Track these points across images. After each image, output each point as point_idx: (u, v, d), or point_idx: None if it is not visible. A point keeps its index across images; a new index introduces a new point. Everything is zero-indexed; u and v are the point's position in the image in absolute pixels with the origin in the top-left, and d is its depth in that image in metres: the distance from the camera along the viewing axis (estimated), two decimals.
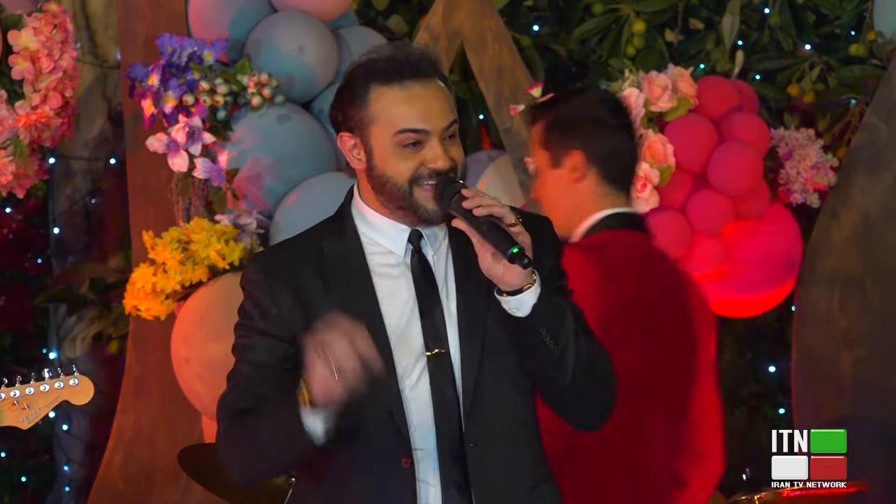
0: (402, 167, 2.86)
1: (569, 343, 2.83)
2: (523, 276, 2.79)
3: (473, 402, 2.85)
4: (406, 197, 2.87)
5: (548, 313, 2.81)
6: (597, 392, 2.91)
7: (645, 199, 5.18)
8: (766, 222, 5.45)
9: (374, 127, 2.87)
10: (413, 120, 2.85)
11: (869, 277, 5.38)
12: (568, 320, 2.84)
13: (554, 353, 2.82)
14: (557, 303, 2.84)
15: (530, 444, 2.95)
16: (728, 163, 5.23)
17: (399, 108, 2.86)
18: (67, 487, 6.02)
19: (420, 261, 2.92)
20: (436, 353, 2.87)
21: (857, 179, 5.42)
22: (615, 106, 3.84)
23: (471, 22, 5.37)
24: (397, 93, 2.86)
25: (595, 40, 5.98)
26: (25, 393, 3.36)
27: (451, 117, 2.89)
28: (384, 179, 2.88)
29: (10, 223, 6.22)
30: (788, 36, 5.88)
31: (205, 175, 4.91)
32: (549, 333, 2.81)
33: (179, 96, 4.89)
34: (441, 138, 2.87)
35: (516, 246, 2.75)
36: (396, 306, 2.89)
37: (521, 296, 2.80)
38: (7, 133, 4.59)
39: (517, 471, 2.90)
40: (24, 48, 4.55)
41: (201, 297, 4.78)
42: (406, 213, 2.90)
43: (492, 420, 2.86)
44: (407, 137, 2.86)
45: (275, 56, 5.07)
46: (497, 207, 2.80)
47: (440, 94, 2.89)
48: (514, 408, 2.91)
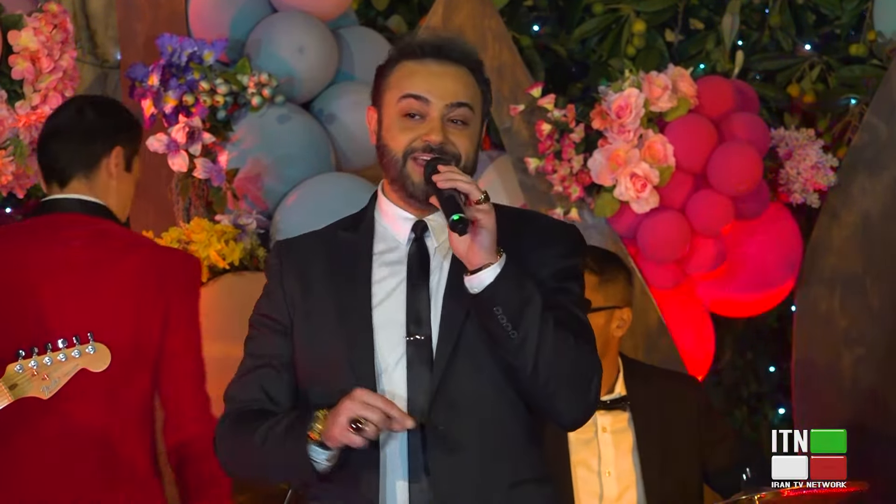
0: (400, 137, 2.90)
1: (531, 330, 2.81)
2: (482, 254, 2.80)
3: (443, 388, 2.85)
4: (399, 168, 2.91)
5: (507, 296, 2.80)
6: (565, 390, 2.87)
7: (645, 198, 5.18)
8: (766, 222, 5.45)
9: (387, 94, 2.94)
10: (417, 87, 2.90)
11: (869, 277, 5.38)
12: (533, 308, 2.81)
13: (513, 337, 2.81)
14: (526, 289, 2.82)
15: (515, 441, 2.92)
16: (728, 163, 5.23)
17: (410, 77, 2.92)
18: None
19: (419, 249, 2.94)
20: (416, 339, 2.88)
21: (857, 179, 5.42)
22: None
23: (471, 22, 5.37)
24: (413, 66, 2.93)
25: (595, 40, 5.98)
26: (44, 363, 3.40)
27: (461, 98, 2.90)
28: (385, 150, 2.93)
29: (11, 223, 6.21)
30: (788, 36, 5.88)
31: (205, 175, 4.91)
32: (506, 315, 2.80)
33: (179, 96, 4.89)
34: (443, 116, 2.89)
35: (457, 213, 2.76)
36: (385, 290, 2.92)
37: (479, 273, 2.81)
38: (7, 133, 4.59)
39: (492, 465, 2.88)
40: (25, 48, 4.55)
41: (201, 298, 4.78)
42: (399, 189, 2.93)
43: (464, 410, 2.86)
44: (409, 104, 2.90)
45: (275, 56, 5.07)
46: (463, 184, 2.81)
47: (458, 77, 2.92)
48: (491, 402, 2.89)
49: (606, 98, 5.23)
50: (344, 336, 2.90)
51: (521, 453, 2.94)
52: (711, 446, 4.47)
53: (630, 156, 5.17)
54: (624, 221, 5.30)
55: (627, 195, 5.19)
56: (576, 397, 2.89)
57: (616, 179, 5.20)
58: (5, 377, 3.45)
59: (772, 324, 6.11)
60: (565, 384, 2.86)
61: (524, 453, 2.94)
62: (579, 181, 5.29)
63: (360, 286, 2.93)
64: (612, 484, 4.37)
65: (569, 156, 5.28)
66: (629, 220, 5.29)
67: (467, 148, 2.91)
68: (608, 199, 5.26)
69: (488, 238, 2.80)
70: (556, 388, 2.85)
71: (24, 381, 3.42)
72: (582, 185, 5.29)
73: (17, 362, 3.46)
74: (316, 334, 2.94)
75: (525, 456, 2.94)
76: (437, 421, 2.85)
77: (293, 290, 2.97)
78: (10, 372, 3.45)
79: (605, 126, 5.23)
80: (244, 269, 4.84)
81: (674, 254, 5.31)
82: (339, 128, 5.17)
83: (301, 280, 2.97)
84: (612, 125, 5.20)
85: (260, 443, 2.88)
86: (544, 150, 5.28)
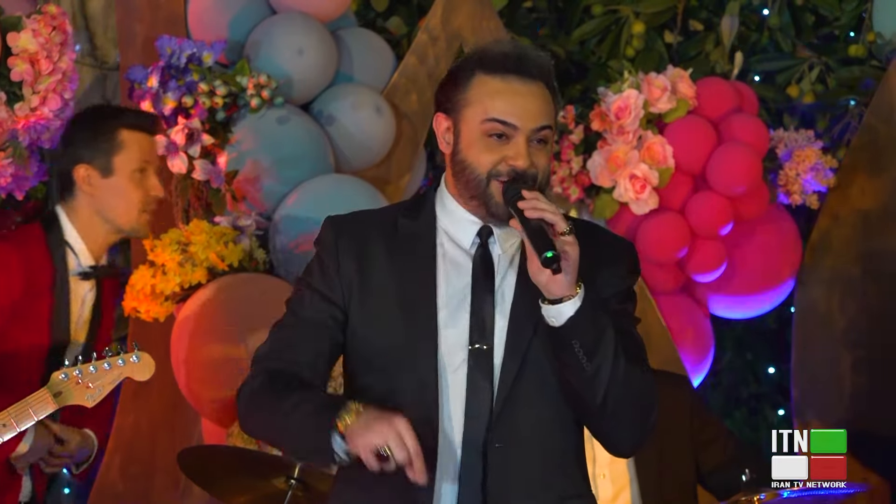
0: (484, 158, 2.89)
1: (604, 364, 2.80)
2: (565, 286, 2.79)
3: (505, 404, 2.85)
4: (482, 188, 2.89)
5: (584, 329, 2.80)
6: (629, 420, 2.87)
7: (644, 200, 5.18)
8: (765, 222, 5.45)
9: (468, 110, 2.91)
10: (504, 112, 2.88)
11: (869, 277, 5.38)
12: (607, 341, 2.81)
13: (586, 369, 2.80)
14: (601, 322, 2.81)
15: (565, 457, 2.93)
16: (727, 164, 5.24)
17: (494, 98, 2.89)
18: (67, 489, 6.01)
19: (483, 255, 2.93)
20: (478, 348, 2.87)
21: (857, 180, 5.42)
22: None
23: (470, 23, 5.37)
24: (497, 83, 2.90)
25: (594, 42, 5.98)
26: (89, 371, 3.42)
27: (544, 122, 2.90)
28: (465, 165, 2.91)
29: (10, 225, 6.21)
30: (788, 37, 5.88)
31: (204, 177, 4.91)
32: (583, 349, 2.80)
33: (178, 98, 4.89)
34: (528, 139, 2.89)
35: (551, 251, 2.76)
36: (450, 291, 2.91)
37: (559, 306, 2.80)
38: (6, 135, 4.58)
39: (544, 480, 2.89)
40: (24, 50, 4.55)
41: (200, 299, 4.78)
42: (479, 205, 2.92)
43: (522, 425, 2.86)
44: (494, 127, 2.88)
45: (274, 58, 5.07)
46: (550, 213, 2.81)
47: (540, 96, 2.91)
48: (550, 418, 2.89)
49: (606, 99, 5.23)
50: (408, 334, 2.88)
51: (572, 470, 2.94)
52: (704, 445, 4.47)
53: (629, 157, 5.17)
54: (623, 223, 5.31)
55: (627, 196, 5.19)
56: (639, 426, 2.90)
57: (615, 181, 5.20)
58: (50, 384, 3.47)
59: (772, 324, 6.11)
60: (630, 416, 2.87)
61: (574, 470, 2.95)
62: (578, 182, 5.29)
63: (426, 283, 2.91)
64: (606, 486, 4.37)
65: (568, 157, 5.28)
66: (628, 222, 5.30)
67: (545, 165, 2.92)
68: (607, 200, 5.26)
69: (571, 272, 2.79)
70: (621, 419, 2.86)
71: (68, 388, 3.43)
72: (581, 187, 5.29)
73: (62, 370, 3.47)
74: (376, 322, 2.92)
75: (574, 473, 2.95)
76: (497, 437, 2.86)
77: (350, 269, 2.94)
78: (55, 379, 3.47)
79: (605, 127, 5.23)
80: (243, 271, 4.84)
81: (673, 255, 5.31)
82: (339, 129, 5.17)
83: (359, 260, 2.94)
84: (612, 126, 5.20)
85: (287, 413, 2.84)
86: None
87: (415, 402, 2.85)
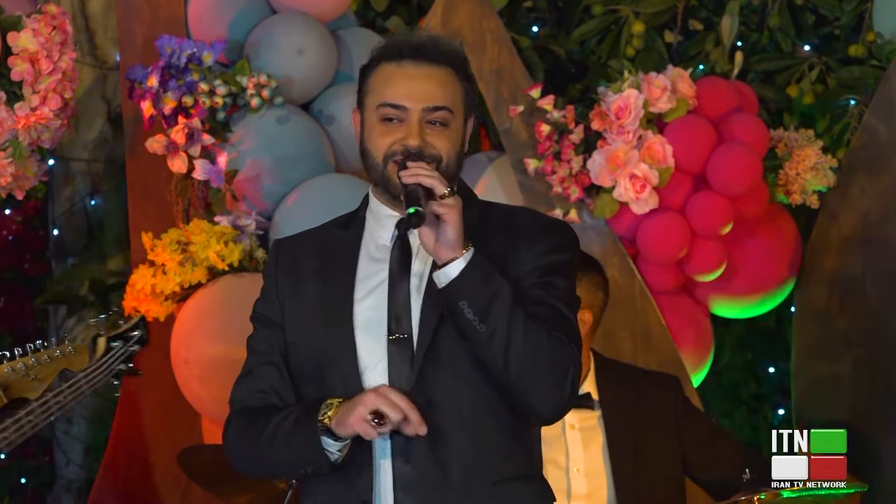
0: (380, 142, 2.93)
1: (499, 325, 2.80)
2: (448, 249, 2.81)
3: (419, 388, 2.86)
4: (380, 171, 2.93)
5: (472, 289, 2.81)
6: (540, 385, 2.85)
7: (644, 199, 5.18)
8: (765, 222, 5.45)
9: (367, 99, 2.97)
10: (394, 95, 2.92)
11: (869, 277, 5.37)
12: (501, 302, 2.81)
13: (480, 331, 2.81)
14: (492, 283, 2.82)
15: (496, 440, 2.91)
16: (727, 164, 5.23)
17: (387, 83, 2.94)
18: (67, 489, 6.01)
19: (401, 247, 2.95)
20: (396, 337, 2.89)
21: (857, 179, 5.42)
22: None
23: (470, 23, 5.36)
24: (392, 69, 2.95)
25: (594, 41, 5.98)
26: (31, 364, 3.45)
27: (439, 103, 2.91)
28: (366, 153, 2.96)
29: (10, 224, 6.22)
30: (788, 37, 5.88)
31: (204, 176, 4.91)
32: (473, 310, 2.80)
33: (179, 98, 4.89)
34: (421, 119, 2.91)
35: (413, 207, 2.79)
36: (368, 287, 2.94)
37: (445, 268, 2.82)
38: (6, 134, 4.59)
39: (473, 463, 2.88)
40: (24, 50, 4.55)
41: (201, 299, 4.78)
42: (383, 192, 2.95)
43: (442, 409, 2.87)
44: (386, 112, 2.92)
45: (274, 57, 5.07)
46: (427, 178, 2.83)
47: (435, 78, 2.93)
48: (470, 400, 2.89)
49: (606, 99, 5.23)
50: (326, 334, 2.92)
51: (506, 451, 2.93)
52: (692, 445, 4.47)
53: (629, 157, 5.17)
54: (623, 222, 5.30)
55: (627, 196, 5.19)
56: (550, 391, 2.87)
57: (615, 180, 5.20)
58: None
59: (772, 324, 6.11)
60: (538, 378, 2.85)
61: (509, 451, 2.93)
62: (578, 182, 5.29)
63: (344, 284, 2.95)
64: (580, 481, 4.37)
65: (568, 157, 5.28)
66: (628, 221, 5.29)
67: (447, 148, 2.92)
68: (607, 200, 5.25)
69: (453, 232, 2.81)
70: (528, 383, 2.84)
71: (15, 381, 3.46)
72: (581, 186, 5.29)
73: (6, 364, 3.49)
74: (302, 332, 2.96)
75: (510, 454, 2.93)
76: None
77: (284, 287, 3.00)
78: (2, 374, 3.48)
79: (605, 127, 5.23)
80: (243, 271, 4.84)
81: (673, 255, 5.30)
82: (339, 129, 5.17)
83: (291, 278, 3.00)
84: (612, 126, 5.20)
85: (270, 439, 2.89)
86: (543, 151, 5.28)
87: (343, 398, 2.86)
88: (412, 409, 2.79)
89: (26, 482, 6.14)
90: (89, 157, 5.99)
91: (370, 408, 2.77)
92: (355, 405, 2.79)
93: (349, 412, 2.79)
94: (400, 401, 2.79)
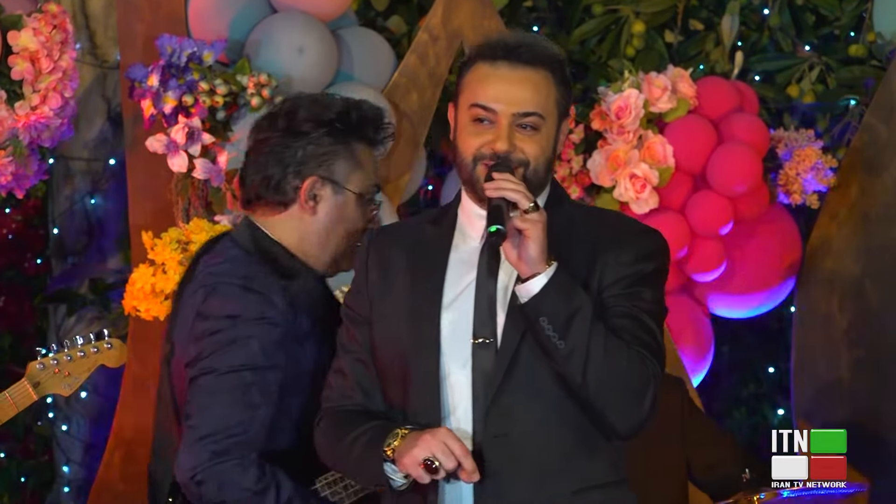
0: (470, 142, 2.91)
1: (578, 342, 2.78)
2: (530, 264, 2.78)
3: (499, 396, 2.85)
4: (469, 171, 2.91)
5: (552, 306, 2.78)
6: (618, 402, 2.83)
7: (644, 199, 5.18)
8: (766, 222, 5.45)
9: (462, 97, 2.95)
10: (485, 97, 2.90)
11: (869, 278, 5.37)
12: (581, 319, 2.79)
13: (559, 348, 2.79)
14: (574, 300, 2.79)
15: (575, 449, 2.89)
16: (727, 164, 5.24)
17: (481, 83, 2.91)
18: (67, 488, 6.01)
19: (490, 249, 2.90)
20: (481, 341, 2.88)
21: (857, 179, 5.42)
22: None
23: (470, 23, 5.36)
24: (486, 69, 2.92)
25: (595, 41, 5.97)
26: (65, 360, 3.43)
27: (529, 108, 2.89)
28: (457, 150, 2.94)
29: (10, 223, 6.22)
30: (788, 37, 5.88)
31: (204, 175, 4.91)
32: (552, 326, 2.78)
33: (179, 97, 4.89)
34: (511, 123, 2.88)
35: (494, 226, 2.77)
36: (456, 290, 2.91)
37: (528, 283, 2.80)
38: (6, 133, 4.59)
39: (552, 471, 2.87)
40: (24, 48, 4.55)
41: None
42: (471, 191, 2.93)
43: (519, 419, 2.85)
44: (477, 112, 2.90)
45: (274, 56, 5.07)
46: (511, 192, 2.80)
47: (529, 81, 2.90)
48: (548, 411, 2.86)
49: (606, 99, 5.23)
50: (412, 334, 2.91)
51: (586, 460, 2.90)
52: (696, 447, 4.47)
53: (629, 157, 5.17)
54: None
55: (627, 196, 5.19)
56: (627, 410, 2.85)
57: (615, 180, 5.20)
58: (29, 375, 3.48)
59: (772, 324, 6.11)
60: (617, 396, 2.83)
61: (589, 460, 2.91)
62: (579, 182, 5.29)
63: (433, 285, 2.93)
64: None
65: (568, 156, 5.28)
66: None
67: (536, 153, 2.90)
68: (608, 199, 5.25)
69: (535, 248, 2.78)
70: (606, 400, 2.83)
71: (46, 378, 3.45)
72: (581, 186, 5.29)
73: (39, 360, 3.48)
74: (388, 330, 2.95)
75: (590, 463, 2.91)
76: (491, 428, 2.85)
77: (374, 283, 2.99)
78: (33, 370, 3.48)
79: (605, 127, 5.23)
80: None
81: (673, 255, 5.30)
82: None
83: (383, 272, 2.98)
84: (612, 126, 5.20)
85: (347, 451, 2.93)
86: None
87: (422, 398, 2.87)
88: (466, 456, 2.78)
89: (26, 481, 6.14)
90: (89, 156, 5.99)
91: (425, 452, 2.77)
92: (413, 445, 2.79)
93: (406, 451, 2.80)
94: (455, 447, 2.78)
